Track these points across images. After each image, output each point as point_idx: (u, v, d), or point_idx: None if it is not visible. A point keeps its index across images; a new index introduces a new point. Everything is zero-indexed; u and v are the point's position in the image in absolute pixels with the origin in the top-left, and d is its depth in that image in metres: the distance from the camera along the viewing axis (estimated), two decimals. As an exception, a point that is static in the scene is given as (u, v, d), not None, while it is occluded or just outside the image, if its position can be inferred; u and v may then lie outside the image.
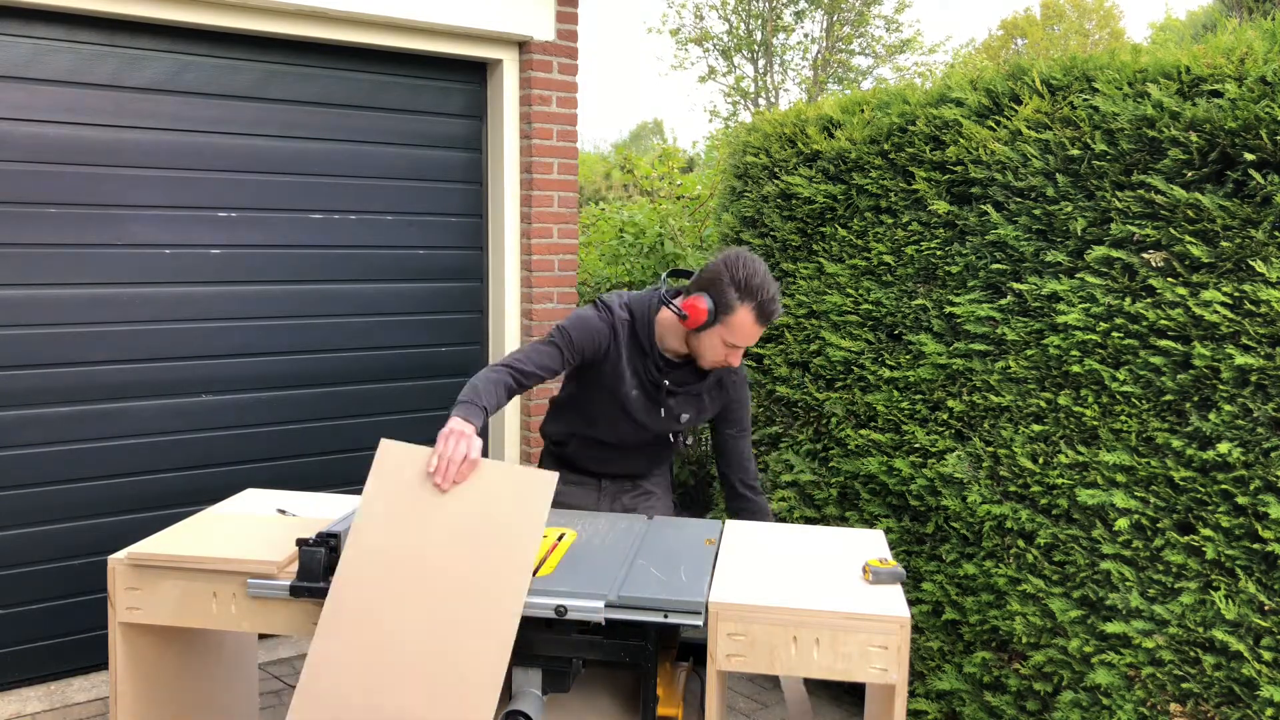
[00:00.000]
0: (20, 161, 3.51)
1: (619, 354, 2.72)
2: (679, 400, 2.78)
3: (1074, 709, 2.84)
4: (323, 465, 4.23)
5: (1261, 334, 2.44)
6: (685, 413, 2.81)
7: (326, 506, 2.69)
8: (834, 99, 3.73)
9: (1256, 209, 2.45)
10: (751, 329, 2.59)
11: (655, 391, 2.75)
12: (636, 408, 2.77)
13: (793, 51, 26.67)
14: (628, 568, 2.27)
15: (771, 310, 2.59)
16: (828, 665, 2.08)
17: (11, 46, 3.47)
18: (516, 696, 2.22)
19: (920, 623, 3.31)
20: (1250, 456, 2.46)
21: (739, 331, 2.58)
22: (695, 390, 2.78)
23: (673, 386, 2.75)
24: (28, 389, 3.58)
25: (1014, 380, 3.01)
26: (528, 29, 4.37)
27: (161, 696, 2.47)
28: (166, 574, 2.26)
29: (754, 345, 2.56)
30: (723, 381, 2.82)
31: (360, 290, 4.26)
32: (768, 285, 2.58)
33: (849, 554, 2.43)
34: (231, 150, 3.92)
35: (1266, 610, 2.45)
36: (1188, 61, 2.58)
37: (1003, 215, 3.02)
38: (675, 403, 2.78)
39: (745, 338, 2.60)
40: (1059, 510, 2.89)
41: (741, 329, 2.58)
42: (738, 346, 2.63)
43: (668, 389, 2.75)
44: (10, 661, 3.62)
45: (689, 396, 2.79)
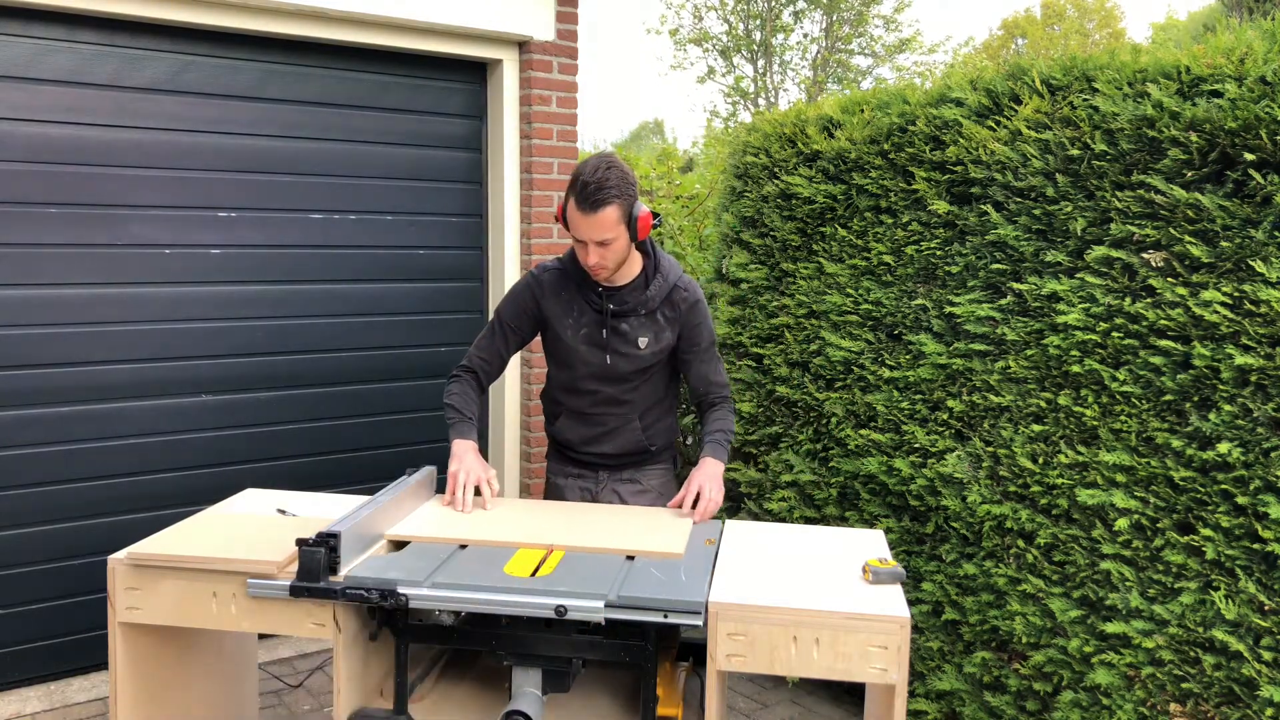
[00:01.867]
0: (20, 161, 3.51)
1: (554, 301, 2.82)
2: (632, 325, 2.79)
3: (1074, 709, 2.84)
4: (322, 465, 4.23)
5: (1261, 334, 2.44)
6: (642, 336, 2.80)
7: (326, 506, 2.69)
8: (834, 99, 3.73)
9: (1256, 209, 2.45)
10: (579, 218, 2.59)
11: (604, 319, 2.78)
12: (591, 341, 2.80)
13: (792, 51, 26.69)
14: (628, 568, 2.27)
15: (587, 194, 2.55)
16: (828, 665, 2.08)
17: (11, 46, 3.47)
18: (516, 696, 2.23)
19: (920, 623, 3.31)
20: (1250, 456, 2.46)
21: (572, 224, 2.62)
22: (644, 310, 2.79)
23: (617, 308, 2.77)
24: (28, 389, 3.58)
25: (1014, 380, 3.01)
26: (528, 29, 4.37)
27: (161, 696, 2.47)
28: (166, 574, 2.26)
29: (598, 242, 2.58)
30: (672, 299, 2.80)
31: (360, 290, 4.26)
32: (586, 171, 2.58)
33: (849, 554, 2.43)
34: (231, 150, 3.92)
35: (1266, 610, 2.45)
36: (1188, 61, 2.58)
37: (1003, 215, 3.02)
38: (628, 326, 2.79)
39: (579, 229, 2.61)
40: (1059, 510, 2.89)
41: (573, 221, 2.61)
42: (582, 242, 2.63)
43: (612, 311, 2.78)
44: (10, 661, 3.62)
45: (640, 318, 2.79)
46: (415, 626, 2.28)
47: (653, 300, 2.79)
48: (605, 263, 2.67)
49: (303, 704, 3.68)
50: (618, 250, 2.66)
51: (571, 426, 2.95)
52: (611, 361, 2.81)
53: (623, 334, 2.79)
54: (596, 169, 2.58)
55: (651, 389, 2.91)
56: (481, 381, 2.90)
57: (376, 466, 4.32)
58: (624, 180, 2.61)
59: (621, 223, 2.61)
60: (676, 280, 2.83)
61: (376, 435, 4.35)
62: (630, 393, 2.87)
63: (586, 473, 2.98)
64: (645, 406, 2.92)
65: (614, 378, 2.84)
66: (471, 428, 2.79)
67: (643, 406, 2.91)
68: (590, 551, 2.37)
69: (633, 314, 2.78)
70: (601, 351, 2.80)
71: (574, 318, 2.81)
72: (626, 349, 2.80)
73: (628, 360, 2.81)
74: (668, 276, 2.81)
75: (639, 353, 2.81)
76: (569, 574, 2.23)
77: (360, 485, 4.25)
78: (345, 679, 2.24)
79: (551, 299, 2.83)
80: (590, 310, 2.79)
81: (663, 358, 2.86)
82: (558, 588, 2.15)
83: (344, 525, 2.26)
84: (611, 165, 2.62)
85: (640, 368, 2.84)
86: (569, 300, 2.81)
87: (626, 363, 2.82)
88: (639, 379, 2.86)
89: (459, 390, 2.85)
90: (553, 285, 2.83)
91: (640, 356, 2.81)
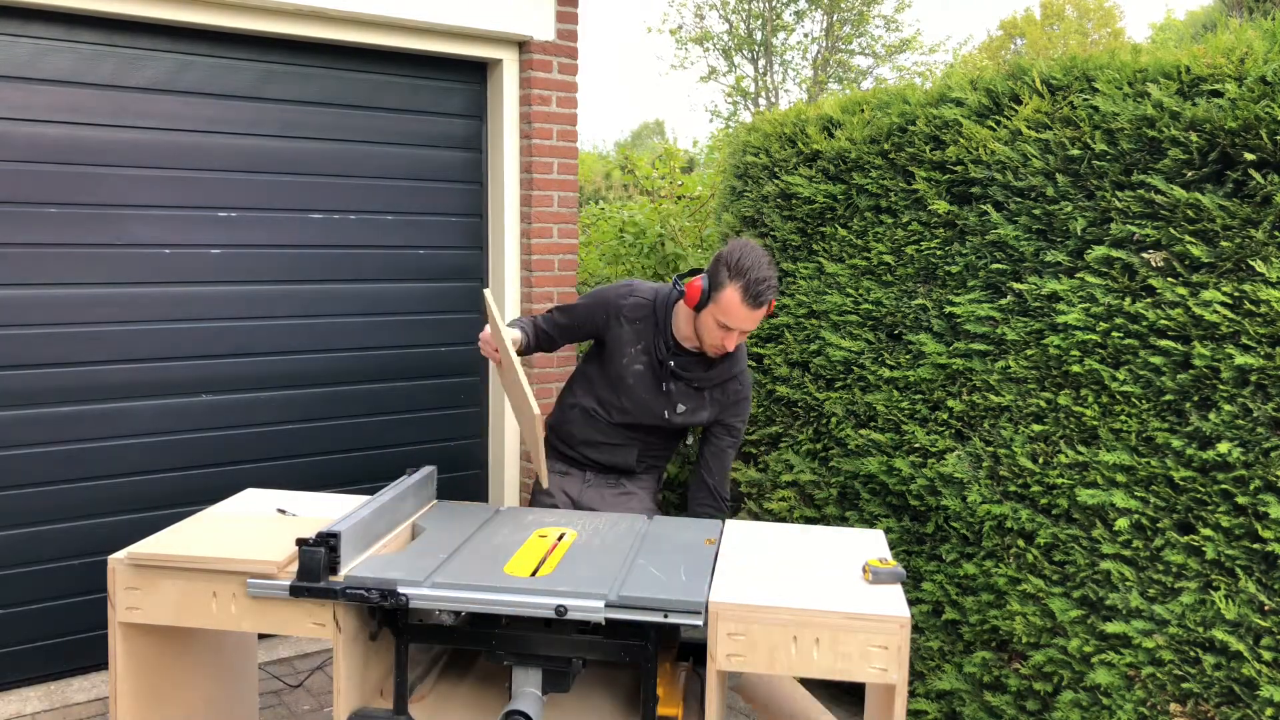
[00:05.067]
0: (20, 161, 3.51)
1: (627, 327, 2.88)
2: (680, 388, 2.87)
3: (1074, 709, 2.84)
4: (323, 465, 4.23)
5: (1261, 334, 2.44)
6: (684, 404, 2.88)
7: (326, 506, 2.69)
8: (834, 99, 3.73)
9: (1256, 209, 2.45)
10: (739, 309, 2.67)
11: (659, 369, 2.86)
12: (638, 380, 2.88)
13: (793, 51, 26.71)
14: (628, 568, 2.27)
15: (758, 291, 2.66)
16: (828, 665, 2.08)
17: (11, 46, 3.47)
18: (516, 696, 2.23)
19: (920, 623, 3.31)
20: (1250, 456, 2.46)
21: (727, 310, 2.68)
22: (698, 383, 2.87)
23: (677, 369, 2.85)
24: (28, 389, 3.58)
25: (1014, 380, 3.01)
26: (528, 29, 4.37)
27: (161, 696, 2.47)
28: (166, 574, 2.26)
29: (751, 333, 2.72)
30: (726, 387, 2.89)
31: (360, 290, 4.26)
32: (758, 267, 2.67)
33: (849, 554, 2.43)
34: (231, 150, 3.92)
35: (1266, 610, 2.45)
36: (1188, 61, 2.58)
37: (1003, 215, 3.02)
38: (676, 389, 2.87)
39: (734, 318, 2.68)
40: (1059, 510, 2.89)
41: (730, 307, 2.67)
42: (730, 329, 2.71)
43: (672, 370, 2.85)
44: (10, 661, 3.62)
45: (691, 389, 2.88)
46: (415, 626, 2.28)
47: (709, 380, 2.88)
48: (731, 347, 2.77)
49: (303, 704, 3.68)
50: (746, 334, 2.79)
51: (579, 424, 3.01)
52: (645, 408, 2.91)
53: (667, 393, 2.88)
54: (763, 264, 2.68)
55: (664, 442, 3.04)
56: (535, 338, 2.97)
57: (376, 466, 4.32)
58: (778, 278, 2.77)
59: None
60: (740, 371, 2.92)
61: (376, 435, 4.35)
62: (643, 435, 2.98)
63: (574, 470, 3.04)
64: (648, 449, 3.03)
65: (638, 419, 2.94)
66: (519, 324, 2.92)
67: (646, 447, 3.02)
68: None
69: (685, 381, 2.88)
70: (641, 395, 2.90)
71: (636, 349, 2.89)
72: (662, 406, 2.89)
73: (659, 416, 2.91)
74: (733, 367, 2.90)
75: (672, 416, 2.91)
76: (569, 574, 2.23)
77: (360, 485, 4.25)
78: (345, 679, 2.24)
79: (626, 324, 2.91)
80: (654, 356, 2.88)
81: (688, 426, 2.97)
82: (558, 588, 2.15)
83: (344, 525, 2.26)
84: (773, 262, 2.74)
85: (667, 425, 2.94)
86: (640, 333, 2.90)
87: (656, 417, 2.92)
88: (658, 431, 2.97)
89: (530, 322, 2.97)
90: (632, 313, 2.92)
91: (670, 420, 2.91)
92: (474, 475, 4.66)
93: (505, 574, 2.21)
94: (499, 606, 2.13)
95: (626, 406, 2.93)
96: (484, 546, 2.41)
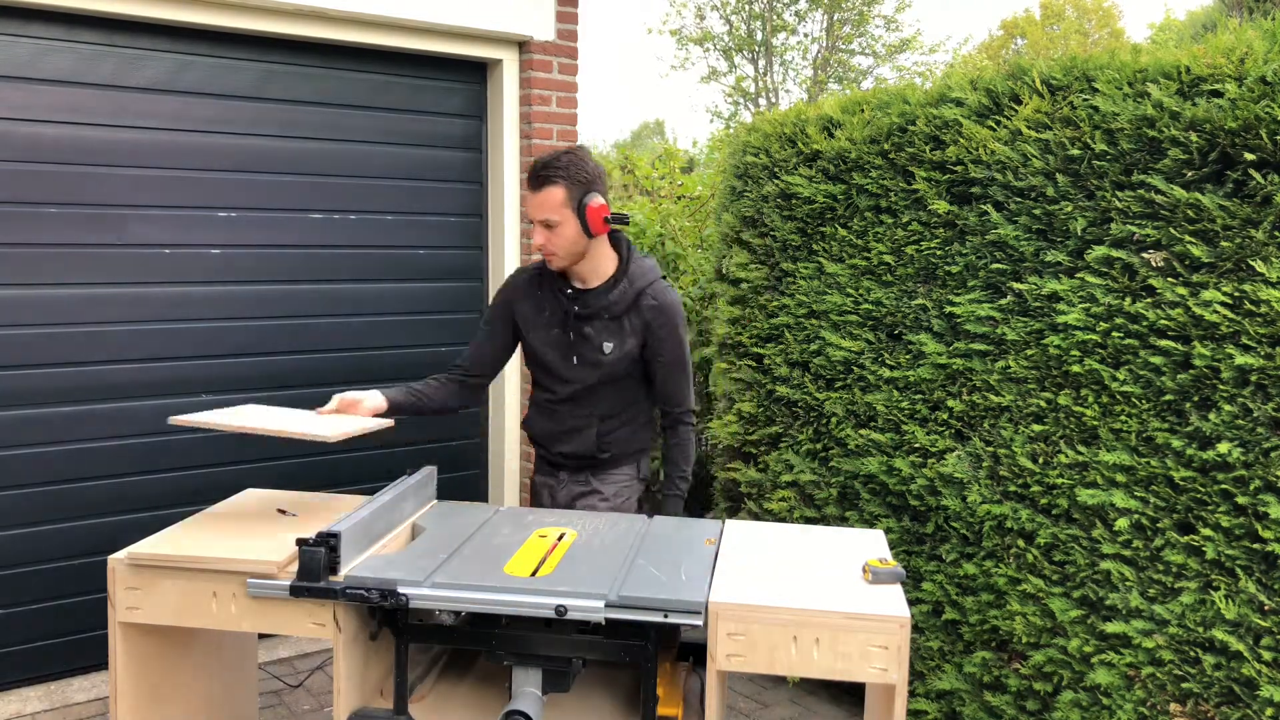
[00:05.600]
0: (20, 161, 3.51)
1: (528, 301, 2.86)
2: (596, 329, 2.79)
3: (1074, 709, 2.84)
4: (323, 465, 4.23)
5: (1261, 334, 2.44)
6: (609, 340, 2.79)
7: (326, 506, 2.69)
8: (834, 99, 3.73)
9: (1256, 209, 2.45)
10: (527, 196, 2.71)
11: (568, 320, 2.80)
12: (557, 342, 2.83)
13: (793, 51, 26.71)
14: (628, 568, 2.27)
15: (533, 171, 2.65)
16: (828, 665, 2.08)
17: (11, 46, 3.47)
18: (516, 696, 2.23)
19: (920, 623, 3.31)
20: (1250, 456, 2.46)
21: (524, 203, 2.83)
22: (608, 314, 2.78)
23: (582, 310, 2.78)
24: (28, 389, 3.58)
25: (1014, 380, 3.01)
26: (528, 29, 4.37)
27: (161, 696, 2.47)
28: (166, 574, 2.26)
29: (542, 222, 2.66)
30: (639, 304, 2.79)
31: (360, 290, 4.26)
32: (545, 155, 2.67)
33: (849, 554, 2.43)
34: (231, 150, 3.92)
35: (1266, 610, 2.45)
36: (1188, 61, 2.58)
37: (1003, 215, 3.02)
38: (592, 330, 2.80)
39: (527, 207, 2.71)
40: (1059, 510, 2.89)
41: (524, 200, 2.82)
42: (533, 222, 2.70)
43: (577, 314, 2.79)
44: (10, 661, 3.62)
45: (605, 323, 2.79)
46: (415, 626, 2.28)
47: (616, 305, 2.78)
48: (552, 248, 2.68)
49: (303, 704, 3.68)
50: (566, 237, 2.67)
51: (537, 420, 2.97)
52: (576, 363, 2.82)
53: (587, 337, 2.80)
54: (555, 153, 2.66)
55: (616, 396, 2.88)
56: (457, 381, 2.93)
57: (376, 466, 4.33)
58: (577, 165, 2.63)
59: (567, 206, 2.64)
60: (645, 286, 2.79)
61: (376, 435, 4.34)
62: (591, 396, 2.86)
63: (551, 472, 3.00)
64: (606, 413, 2.88)
65: (577, 380, 2.84)
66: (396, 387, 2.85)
67: (604, 413, 2.88)
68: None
69: (596, 318, 2.79)
70: (567, 352, 2.82)
71: (545, 317, 2.84)
72: (591, 353, 2.80)
73: (591, 364, 2.82)
74: (634, 281, 2.78)
75: (603, 358, 2.80)
76: (569, 574, 2.23)
77: (360, 485, 4.25)
78: (345, 679, 2.24)
79: (525, 299, 2.87)
80: (559, 311, 2.82)
81: (630, 366, 2.83)
82: (558, 587, 2.15)
83: (344, 525, 2.26)
84: (571, 151, 2.66)
85: (605, 374, 2.83)
86: (542, 299, 2.84)
87: (590, 367, 2.82)
88: (602, 384, 2.84)
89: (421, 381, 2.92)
90: (528, 285, 2.88)
91: (604, 361, 2.81)
92: (474, 475, 4.67)
93: (505, 574, 2.21)
94: (499, 606, 2.13)
95: (561, 374, 2.84)
96: (484, 546, 2.41)
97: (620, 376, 2.85)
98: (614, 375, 2.84)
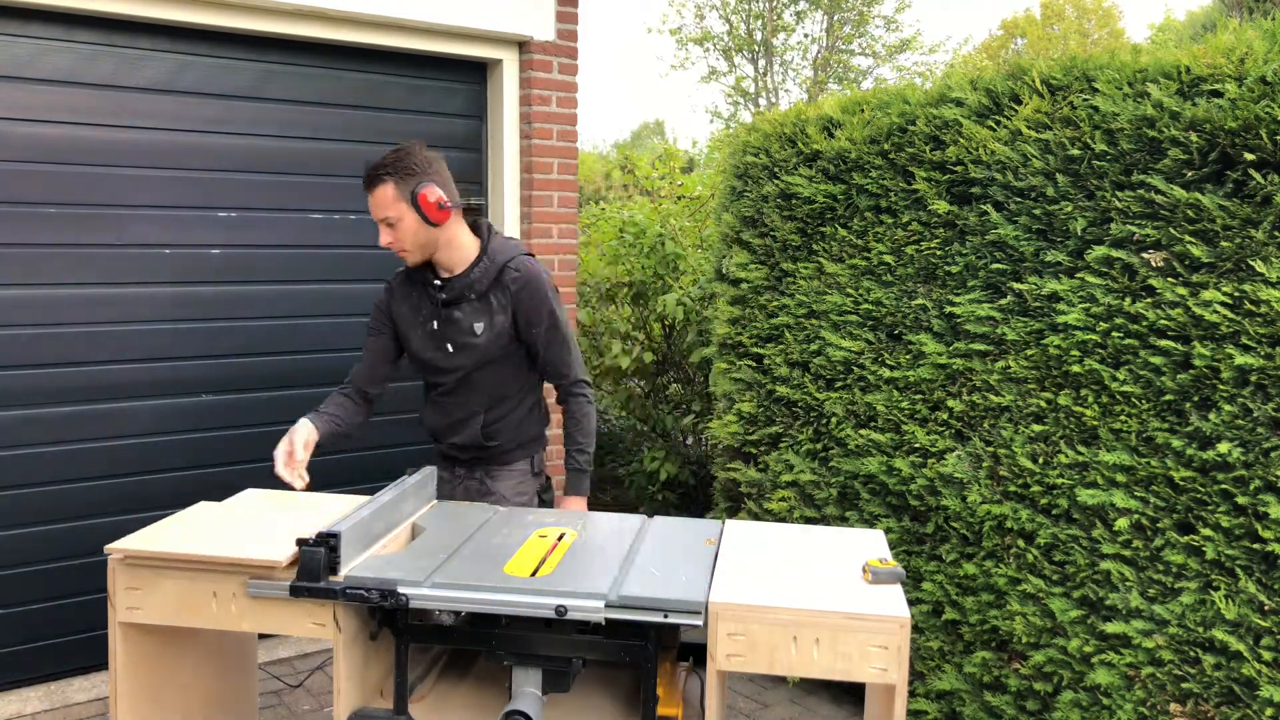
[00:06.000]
0: (20, 161, 3.51)
1: (403, 303, 2.87)
2: (465, 311, 2.79)
3: (1074, 709, 2.84)
4: (322, 465, 4.21)
5: (1261, 334, 2.44)
6: (479, 321, 2.79)
7: (326, 506, 2.69)
8: (834, 99, 3.73)
9: (1256, 209, 2.45)
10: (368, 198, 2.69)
11: (437, 309, 2.81)
12: (431, 335, 2.83)
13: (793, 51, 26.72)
14: (628, 568, 2.27)
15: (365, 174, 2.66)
16: (828, 665, 2.08)
17: (10, 46, 3.47)
18: (516, 696, 2.23)
19: (920, 623, 3.31)
20: (1250, 456, 2.46)
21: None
22: (473, 294, 2.78)
23: (449, 297, 2.79)
24: (28, 389, 3.58)
25: (1014, 380, 3.01)
26: (528, 29, 4.37)
27: (161, 696, 2.47)
28: (166, 574, 2.26)
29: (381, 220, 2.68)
30: (502, 279, 2.78)
31: (360, 290, 4.26)
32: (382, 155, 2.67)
33: (849, 554, 2.43)
34: (231, 150, 3.92)
35: (1266, 610, 2.45)
36: (1188, 61, 2.58)
37: (1003, 215, 3.02)
38: (461, 314, 2.79)
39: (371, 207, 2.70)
40: (1059, 510, 2.89)
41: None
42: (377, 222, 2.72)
43: (443, 300, 2.79)
44: (10, 661, 3.62)
45: (472, 304, 2.79)
46: (415, 626, 2.28)
47: (479, 283, 2.77)
48: (399, 244, 2.71)
49: (303, 704, 3.68)
50: (408, 230, 2.69)
51: (427, 413, 2.97)
52: (453, 351, 2.82)
53: (456, 322, 2.80)
54: (395, 150, 2.66)
55: (497, 380, 2.85)
56: (358, 392, 2.93)
57: (376, 466, 4.32)
58: (402, 160, 2.65)
59: (401, 201, 2.65)
60: (507, 261, 2.79)
61: (376, 435, 4.35)
62: (472, 384, 2.85)
63: (447, 466, 2.98)
64: (490, 402, 2.86)
65: (456, 367, 2.84)
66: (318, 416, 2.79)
67: (487, 402, 2.86)
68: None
69: (463, 300, 2.79)
70: (441, 342, 2.82)
71: (422, 314, 2.85)
72: (463, 338, 2.80)
73: (467, 349, 2.81)
74: (495, 258, 2.78)
75: (475, 340, 2.79)
76: (569, 574, 2.23)
77: (360, 485, 4.25)
78: (345, 679, 2.24)
79: (401, 300, 2.88)
80: (429, 304, 2.83)
81: (507, 346, 2.81)
82: (558, 588, 2.15)
83: (344, 525, 2.26)
84: (398, 148, 2.67)
85: (480, 356, 2.81)
86: (416, 299, 2.85)
87: (466, 352, 2.81)
88: (480, 369, 2.83)
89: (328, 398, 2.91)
90: (401, 287, 2.89)
91: (477, 344, 2.80)
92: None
93: (505, 574, 2.21)
94: (499, 606, 2.13)
95: (440, 364, 2.84)
96: (484, 546, 2.41)
97: (497, 358, 2.82)
98: (489, 357, 2.81)
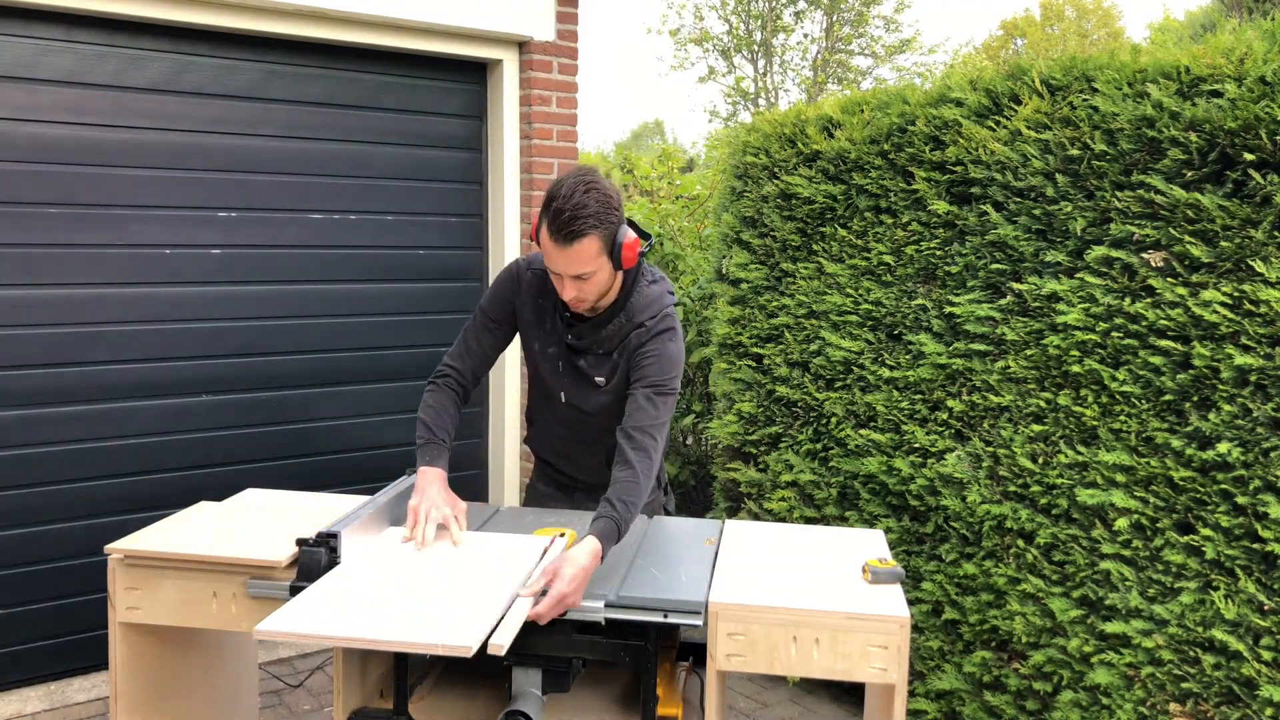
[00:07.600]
0: (20, 161, 3.51)
1: (530, 307, 2.55)
2: (590, 362, 2.52)
3: (1074, 709, 2.84)
4: (323, 465, 4.23)
5: (1261, 334, 2.44)
6: (600, 375, 2.52)
7: (326, 506, 2.69)
8: (834, 99, 3.74)
9: (1256, 209, 2.45)
10: (552, 250, 2.26)
11: (562, 349, 2.54)
12: (553, 369, 2.56)
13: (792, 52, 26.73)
14: (628, 568, 2.27)
15: (561, 223, 2.22)
16: (828, 665, 2.08)
17: (12, 46, 3.47)
18: (516, 697, 2.22)
19: (920, 623, 3.31)
20: (1250, 456, 2.46)
21: (546, 253, 2.29)
22: (603, 349, 2.50)
23: (575, 341, 2.50)
24: (28, 389, 3.58)
25: (1014, 380, 3.01)
26: (528, 29, 4.37)
27: (161, 696, 2.47)
28: (167, 574, 2.26)
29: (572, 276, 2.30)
30: (628, 338, 2.47)
31: (360, 290, 4.26)
32: (562, 194, 2.23)
33: (849, 554, 2.43)
34: (232, 150, 3.92)
35: (1266, 610, 2.45)
36: (1187, 61, 2.59)
37: (1002, 215, 3.03)
38: (586, 364, 2.52)
39: (553, 261, 2.29)
40: (1059, 510, 2.89)
41: (546, 251, 2.28)
42: (558, 274, 2.32)
43: (569, 344, 2.52)
44: (10, 661, 3.62)
45: (599, 357, 2.51)
46: (415, 626, 2.27)
47: (608, 341, 2.49)
48: (585, 297, 2.36)
49: (303, 704, 3.68)
50: (599, 284, 2.35)
51: (540, 439, 2.76)
52: (567, 398, 2.58)
53: (580, 370, 2.54)
54: (573, 192, 2.23)
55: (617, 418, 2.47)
56: (463, 387, 2.59)
57: (376, 467, 4.32)
58: (605, 205, 2.26)
59: (603, 254, 2.29)
60: (643, 319, 2.47)
61: (376, 435, 4.36)
62: (593, 424, 2.60)
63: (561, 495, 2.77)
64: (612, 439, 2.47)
65: (574, 410, 2.61)
66: (442, 452, 2.45)
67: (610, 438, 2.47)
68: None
69: (589, 352, 2.53)
70: (559, 382, 2.58)
71: (544, 331, 2.56)
72: (584, 388, 2.56)
73: (587, 397, 2.57)
74: (632, 317, 2.47)
75: (597, 392, 2.54)
76: (569, 574, 2.23)
77: (360, 485, 4.25)
78: (345, 679, 2.23)
79: (529, 303, 2.56)
80: (557, 333, 2.54)
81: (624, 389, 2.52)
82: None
83: (344, 525, 2.26)
84: (591, 187, 2.25)
85: (602, 403, 2.56)
86: (544, 310, 2.55)
87: (586, 399, 2.57)
88: (602, 412, 2.56)
89: (435, 403, 2.53)
90: (532, 287, 2.55)
91: (599, 394, 2.56)
92: (474, 475, 4.67)
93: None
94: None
95: (553, 399, 2.58)
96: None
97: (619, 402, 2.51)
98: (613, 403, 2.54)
